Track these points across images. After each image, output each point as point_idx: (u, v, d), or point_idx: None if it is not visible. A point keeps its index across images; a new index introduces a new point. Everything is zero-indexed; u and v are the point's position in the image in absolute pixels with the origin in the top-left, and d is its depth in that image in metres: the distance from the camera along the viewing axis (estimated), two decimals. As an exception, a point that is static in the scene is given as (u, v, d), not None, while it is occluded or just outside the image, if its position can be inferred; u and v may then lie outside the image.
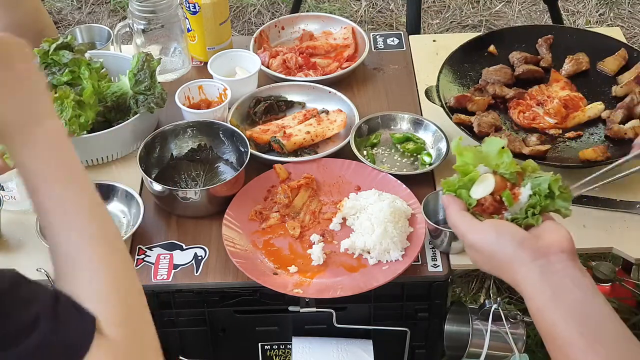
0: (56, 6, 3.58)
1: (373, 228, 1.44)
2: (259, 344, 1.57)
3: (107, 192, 1.53)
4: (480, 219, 1.06)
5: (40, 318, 0.74)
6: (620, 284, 2.07)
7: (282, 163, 1.60)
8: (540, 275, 0.96)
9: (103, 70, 1.68)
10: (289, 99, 1.80)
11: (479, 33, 1.96)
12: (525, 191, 1.05)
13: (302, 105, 1.79)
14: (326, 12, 2.75)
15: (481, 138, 1.57)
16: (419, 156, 1.65)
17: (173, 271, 1.45)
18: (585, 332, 0.92)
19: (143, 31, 1.79)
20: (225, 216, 1.50)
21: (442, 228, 1.42)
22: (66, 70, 1.60)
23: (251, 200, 1.55)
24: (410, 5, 2.25)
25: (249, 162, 1.56)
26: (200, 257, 1.47)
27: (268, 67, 1.85)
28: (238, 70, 1.81)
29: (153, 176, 1.58)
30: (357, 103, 1.74)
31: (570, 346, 0.92)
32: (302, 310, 1.46)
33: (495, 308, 1.45)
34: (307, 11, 3.23)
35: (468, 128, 1.60)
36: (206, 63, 1.81)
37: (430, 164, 1.61)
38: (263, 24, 2.26)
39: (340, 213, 1.53)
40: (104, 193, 1.52)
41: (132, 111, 1.64)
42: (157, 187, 1.52)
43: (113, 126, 1.62)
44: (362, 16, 3.44)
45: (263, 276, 1.41)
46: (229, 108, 1.71)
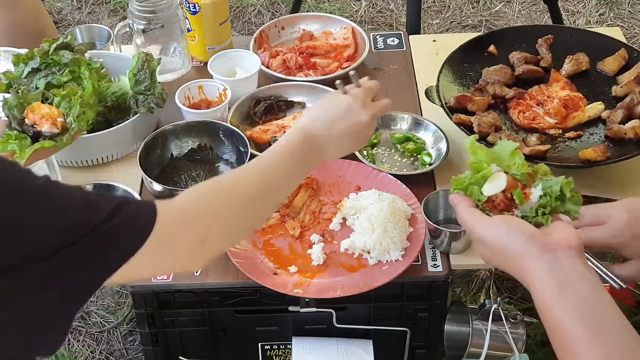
0: (56, 6, 3.58)
1: (373, 228, 1.44)
2: (259, 344, 1.57)
3: (107, 192, 1.53)
4: (489, 215, 1.06)
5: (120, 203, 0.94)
6: (620, 284, 2.07)
7: (282, 163, 1.60)
8: (548, 270, 0.97)
9: (103, 70, 1.68)
10: (289, 99, 1.80)
11: (479, 33, 1.96)
12: (536, 191, 1.06)
13: (302, 105, 1.79)
14: (326, 12, 2.75)
15: (481, 138, 1.57)
16: (419, 156, 1.65)
17: (173, 271, 1.45)
18: (589, 327, 0.93)
19: (143, 31, 1.79)
20: (225, 216, 1.49)
21: (442, 228, 1.42)
22: (66, 70, 1.60)
23: (251, 200, 1.55)
24: (410, 5, 2.25)
25: (249, 162, 1.55)
26: (200, 257, 1.47)
27: (268, 67, 1.85)
28: (238, 70, 1.81)
29: (153, 176, 1.57)
30: (357, 103, 1.74)
31: (574, 341, 0.93)
32: (302, 310, 1.47)
33: (495, 308, 1.45)
34: (307, 11, 3.23)
35: (468, 128, 1.60)
36: (206, 63, 1.81)
37: (430, 164, 1.61)
38: (263, 24, 2.26)
39: (340, 213, 1.53)
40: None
41: (132, 111, 1.64)
42: (157, 187, 1.52)
43: (113, 126, 1.62)
44: (362, 16, 3.44)
45: (263, 276, 1.41)
46: (229, 108, 1.71)
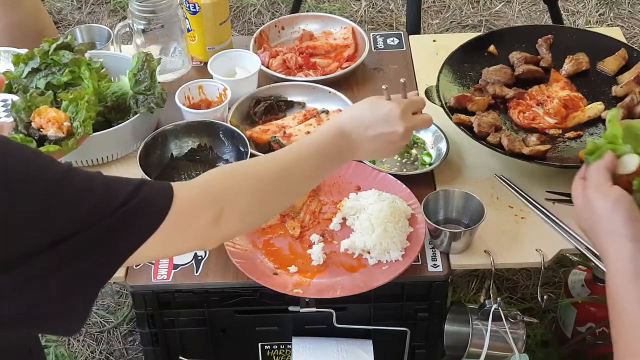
0: (56, 6, 3.58)
1: (373, 228, 1.44)
2: (259, 344, 1.57)
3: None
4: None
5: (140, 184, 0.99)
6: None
7: (282, 163, 1.60)
8: (631, 255, 0.99)
9: (103, 70, 1.68)
10: (289, 99, 1.80)
11: (479, 33, 1.96)
12: None
13: (302, 105, 1.79)
14: (326, 12, 2.75)
15: (481, 138, 1.57)
16: (419, 156, 1.65)
17: (173, 271, 1.45)
18: None
19: (143, 31, 1.79)
20: (225, 216, 1.49)
21: (442, 228, 1.42)
22: (66, 70, 1.60)
23: (251, 200, 1.55)
24: (410, 5, 2.24)
25: (249, 162, 1.56)
26: (200, 257, 1.47)
27: (268, 67, 1.85)
28: (238, 70, 1.81)
29: (153, 176, 1.58)
30: (357, 103, 1.74)
31: (637, 327, 0.95)
32: (302, 310, 1.46)
33: (495, 308, 1.45)
34: (307, 11, 3.23)
35: (468, 128, 1.60)
36: (206, 63, 1.81)
37: (430, 164, 1.61)
38: (263, 24, 2.26)
39: (340, 213, 1.53)
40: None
41: (132, 111, 1.63)
42: (157, 187, 1.51)
43: (113, 126, 1.62)
44: (362, 16, 3.44)
45: (263, 276, 1.41)
46: (229, 108, 1.71)
